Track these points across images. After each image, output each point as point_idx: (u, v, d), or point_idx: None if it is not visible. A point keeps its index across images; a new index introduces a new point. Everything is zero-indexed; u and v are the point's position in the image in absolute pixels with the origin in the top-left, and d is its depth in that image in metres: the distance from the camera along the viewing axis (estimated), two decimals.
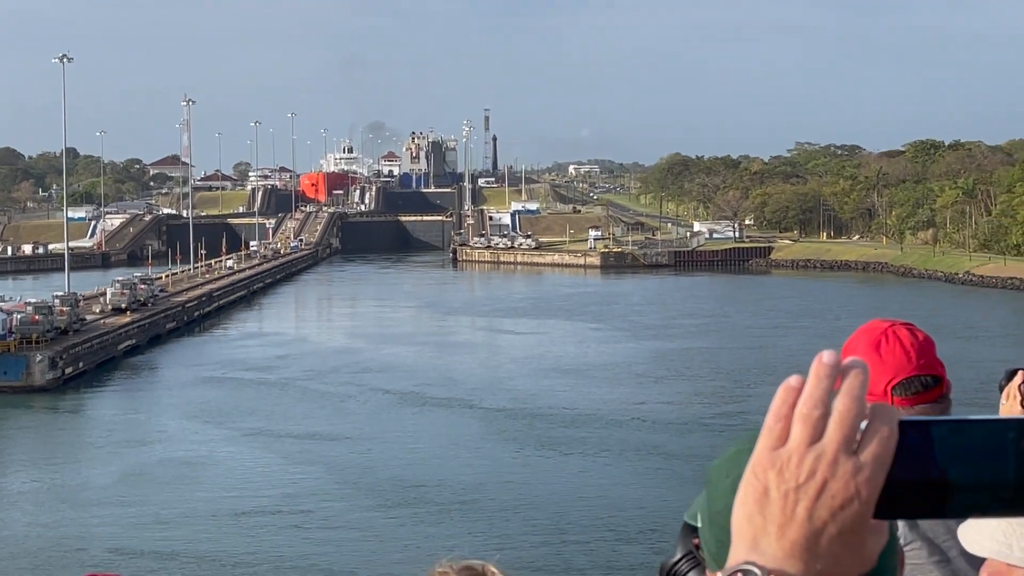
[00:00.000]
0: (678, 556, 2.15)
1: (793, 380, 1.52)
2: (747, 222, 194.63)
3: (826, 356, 1.52)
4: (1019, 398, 4.29)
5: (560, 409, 65.38)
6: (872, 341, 4.38)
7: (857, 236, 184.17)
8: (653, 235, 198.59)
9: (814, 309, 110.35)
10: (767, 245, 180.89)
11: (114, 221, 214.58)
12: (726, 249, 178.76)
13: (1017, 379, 4.32)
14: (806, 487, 1.48)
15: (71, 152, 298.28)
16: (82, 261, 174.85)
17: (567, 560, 39.94)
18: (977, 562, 1.98)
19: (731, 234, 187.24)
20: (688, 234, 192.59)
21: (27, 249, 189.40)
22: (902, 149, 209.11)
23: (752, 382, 72.67)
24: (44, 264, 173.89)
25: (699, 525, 1.82)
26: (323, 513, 46.47)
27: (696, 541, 1.84)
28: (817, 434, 1.49)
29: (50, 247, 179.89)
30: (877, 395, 4.31)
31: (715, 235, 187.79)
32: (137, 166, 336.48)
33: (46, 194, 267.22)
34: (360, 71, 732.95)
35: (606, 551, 41.14)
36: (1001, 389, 4.39)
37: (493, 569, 2.92)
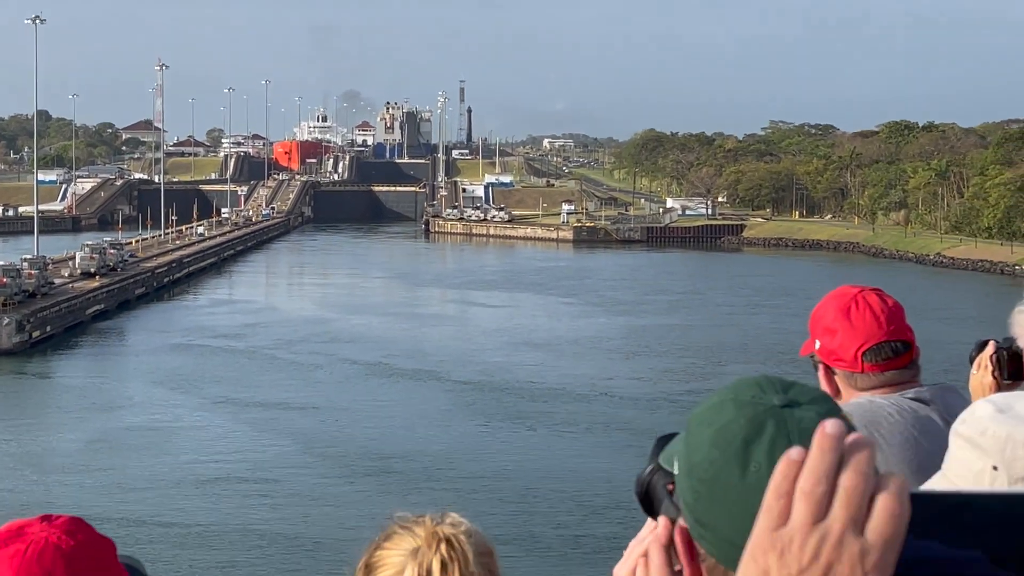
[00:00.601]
0: (650, 469, 2.06)
1: (794, 453, 1.47)
2: (720, 199, 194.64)
3: (829, 426, 1.46)
4: (990, 368, 4.31)
5: (529, 383, 65.25)
6: (842, 307, 4.39)
7: (829, 216, 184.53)
8: (626, 210, 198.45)
9: (786, 287, 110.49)
10: (739, 223, 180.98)
11: (85, 185, 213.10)
12: (699, 226, 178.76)
13: (988, 349, 4.34)
14: (809, 572, 1.42)
15: (43, 115, 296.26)
16: (52, 224, 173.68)
17: (534, 533, 39.85)
18: None
19: (704, 211, 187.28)
20: (661, 210, 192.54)
21: None
22: (876, 130, 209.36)
23: (723, 360, 72.70)
24: (13, 226, 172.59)
25: (675, 472, 1.80)
26: (290, 482, 46.22)
27: (671, 487, 1.81)
28: (821, 513, 1.43)
29: (20, 210, 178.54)
30: (848, 360, 4.36)
31: (688, 212, 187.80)
32: (109, 130, 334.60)
33: (17, 156, 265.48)
34: (335, 38, 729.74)
35: (573, 525, 41.06)
36: (972, 360, 4.40)
37: (452, 514, 2.91)
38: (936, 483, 2.31)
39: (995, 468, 2.41)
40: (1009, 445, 2.13)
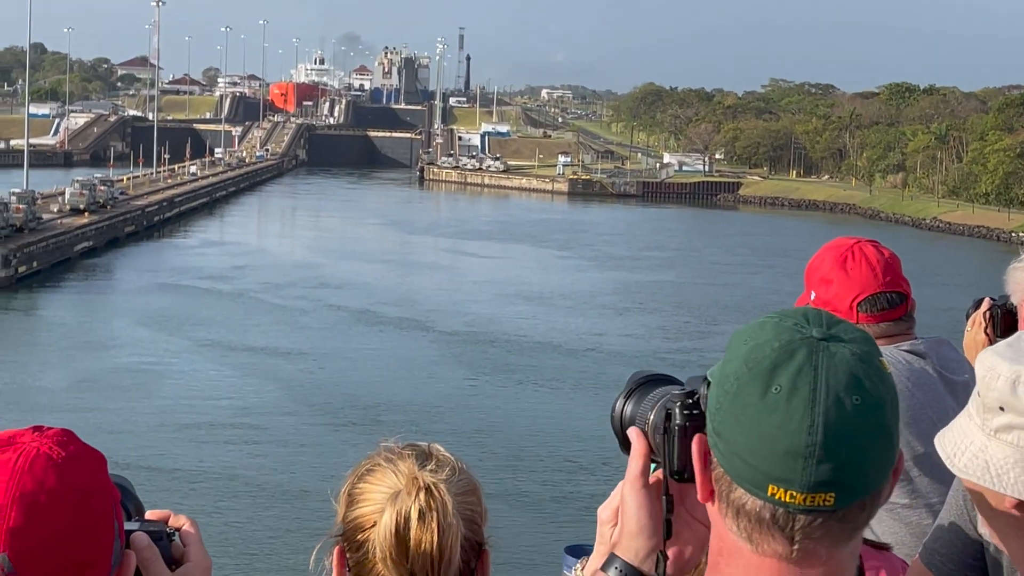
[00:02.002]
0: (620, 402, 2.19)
1: None
2: (717, 156, 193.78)
3: None
4: (983, 325, 4.39)
5: (519, 336, 64.61)
6: (838, 257, 4.38)
7: (827, 176, 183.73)
8: (622, 164, 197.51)
9: (782, 247, 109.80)
10: (736, 180, 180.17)
11: (78, 120, 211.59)
12: (695, 182, 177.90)
13: (984, 306, 4.41)
14: None
15: (38, 47, 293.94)
16: (44, 159, 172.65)
17: (521, 488, 39.27)
18: None
19: (701, 167, 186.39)
20: (658, 165, 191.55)
21: None
22: (876, 91, 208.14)
23: (716, 319, 72.06)
24: (4, 160, 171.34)
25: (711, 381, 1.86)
26: (274, 429, 45.63)
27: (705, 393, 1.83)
28: None
29: (11, 143, 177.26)
30: (843, 311, 4.30)
31: (684, 168, 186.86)
32: (105, 65, 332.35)
33: (11, 89, 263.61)
34: None
35: (560, 481, 40.53)
36: (967, 317, 4.48)
37: (438, 447, 2.90)
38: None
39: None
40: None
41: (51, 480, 2.03)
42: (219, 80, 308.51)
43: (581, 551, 2.83)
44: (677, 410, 1.96)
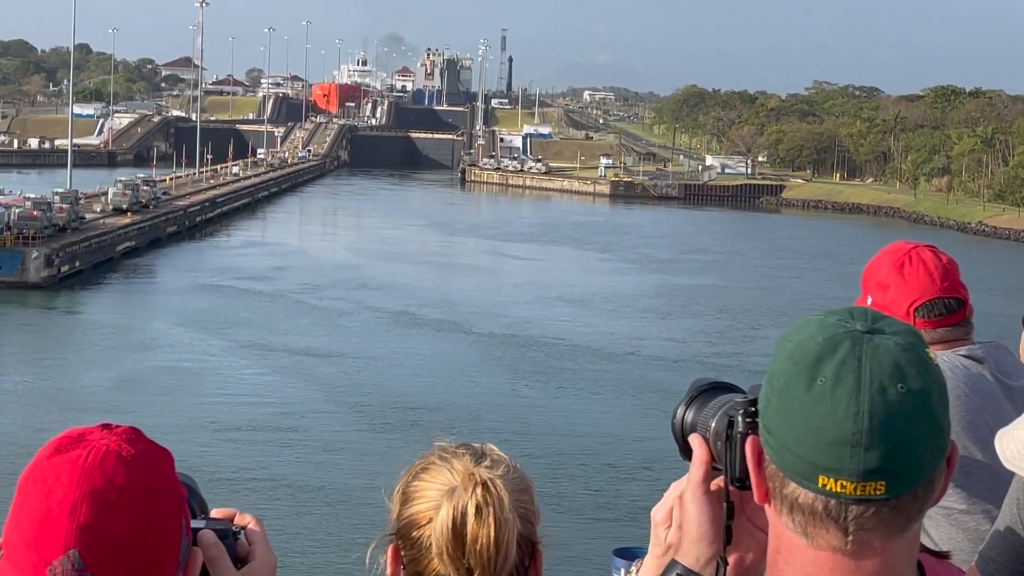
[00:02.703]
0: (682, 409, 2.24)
1: None
2: (760, 159, 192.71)
3: None
4: None
5: (560, 339, 64.21)
6: (895, 262, 4.35)
7: (870, 179, 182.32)
8: (664, 166, 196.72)
9: (826, 251, 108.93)
10: (779, 183, 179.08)
11: (122, 120, 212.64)
12: (737, 185, 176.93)
13: None
14: None
15: (84, 48, 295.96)
16: (88, 159, 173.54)
17: (562, 491, 38.86)
18: None
19: (743, 170, 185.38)
20: (700, 167, 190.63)
21: (33, 143, 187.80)
22: (921, 94, 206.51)
23: (760, 323, 71.40)
24: (50, 159, 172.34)
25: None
26: (313, 431, 45.47)
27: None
28: None
29: (56, 143, 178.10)
30: (900, 316, 4.20)
31: (727, 170, 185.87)
32: (149, 66, 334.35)
33: (56, 89, 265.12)
34: None
35: (603, 485, 40.15)
36: None
37: (492, 446, 2.92)
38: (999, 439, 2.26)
39: None
40: None
41: (120, 477, 2.03)
42: (262, 81, 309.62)
43: (630, 553, 2.75)
44: (740, 418, 1.99)
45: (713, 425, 2.11)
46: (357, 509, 36.17)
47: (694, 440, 2.15)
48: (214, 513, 2.37)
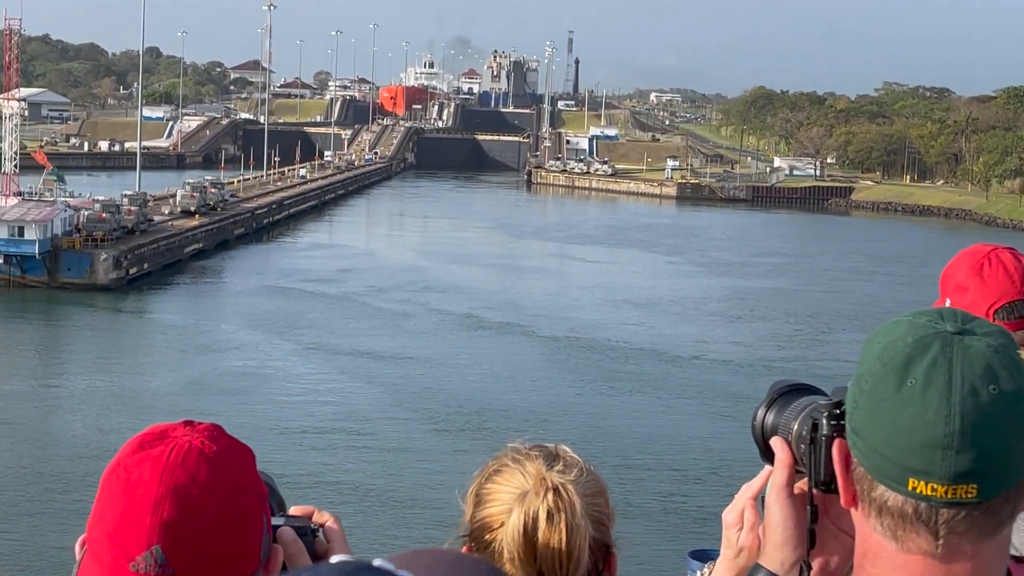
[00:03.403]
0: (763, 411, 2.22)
1: None
2: (829, 160, 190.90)
3: None
4: None
5: (625, 342, 63.71)
6: (975, 264, 4.25)
7: (941, 181, 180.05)
8: (732, 168, 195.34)
9: (897, 254, 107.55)
10: (848, 185, 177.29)
11: (191, 123, 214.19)
12: (806, 187, 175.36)
13: None
14: None
15: (154, 52, 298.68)
16: (157, 161, 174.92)
17: (629, 500, 38.38)
18: None
19: (812, 172, 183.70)
20: (768, 169, 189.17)
21: (103, 146, 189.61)
22: (993, 94, 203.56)
23: (829, 327, 70.50)
24: (119, 162, 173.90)
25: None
26: (379, 434, 45.35)
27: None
28: None
29: (126, 145, 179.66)
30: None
31: (795, 172, 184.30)
32: (218, 69, 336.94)
33: (126, 92, 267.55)
34: None
35: (672, 489, 39.69)
36: None
37: (565, 447, 2.92)
38: None
39: None
40: None
41: (203, 474, 2.05)
42: (329, 83, 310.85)
43: (705, 555, 2.81)
44: (824, 420, 1.95)
45: (795, 428, 2.08)
46: (425, 512, 35.96)
47: (776, 443, 2.12)
48: (292, 511, 2.40)
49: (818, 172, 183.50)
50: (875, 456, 1.74)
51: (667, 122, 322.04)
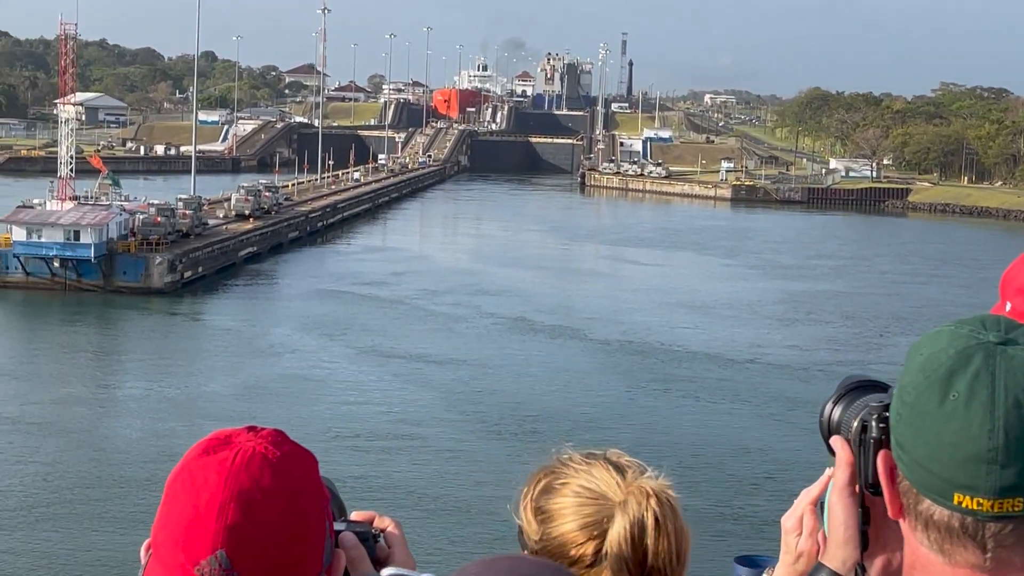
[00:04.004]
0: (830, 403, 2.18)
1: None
2: (885, 162, 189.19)
3: None
4: None
5: (680, 346, 63.20)
6: None
7: (1000, 183, 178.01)
8: (787, 170, 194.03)
9: (956, 256, 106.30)
10: (905, 186, 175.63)
11: (246, 127, 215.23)
12: (862, 188, 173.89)
13: None
14: None
15: (209, 56, 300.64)
16: (212, 165, 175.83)
17: (686, 505, 37.84)
18: None
19: (868, 173, 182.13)
20: (823, 171, 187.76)
21: (159, 150, 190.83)
22: None
23: (887, 330, 69.67)
24: (175, 166, 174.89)
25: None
26: (432, 438, 45.14)
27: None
28: None
29: (182, 149, 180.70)
30: None
31: (851, 173, 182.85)
32: (273, 73, 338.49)
33: (182, 96, 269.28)
34: None
35: (727, 496, 39.18)
36: None
37: (615, 449, 2.90)
38: None
39: None
40: None
41: (266, 479, 2.05)
42: (384, 87, 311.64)
43: (752, 562, 2.79)
44: (873, 423, 1.93)
45: (854, 426, 2.06)
46: (478, 518, 35.72)
47: (836, 442, 2.10)
48: (354, 516, 2.40)
49: (874, 174, 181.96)
50: (919, 470, 1.72)
51: (721, 124, 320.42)
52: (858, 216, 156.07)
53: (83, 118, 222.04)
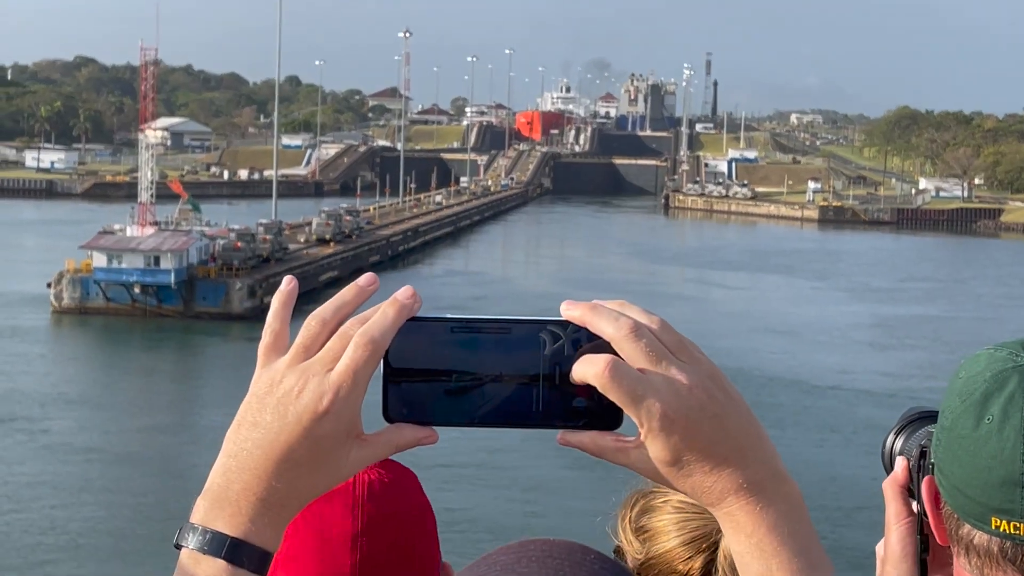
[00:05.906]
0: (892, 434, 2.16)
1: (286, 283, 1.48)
2: (977, 181, 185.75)
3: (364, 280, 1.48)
4: None
5: (767, 372, 61.58)
6: None
7: None
8: (875, 190, 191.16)
9: None
10: (997, 207, 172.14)
11: (329, 151, 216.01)
12: (953, 208, 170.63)
13: None
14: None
15: (293, 81, 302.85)
16: (295, 189, 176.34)
17: None
18: None
19: (959, 193, 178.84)
20: (913, 191, 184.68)
21: (243, 174, 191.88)
22: None
23: None
24: (258, 190, 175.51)
25: None
26: (511, 468, 44.14)
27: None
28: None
29: (265, 173, 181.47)
30: None
31: (941, 193, 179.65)
32: (356, 97, 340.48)
33: (266, 121, 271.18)
34: (583, 7, 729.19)
35: (819, 528, 37.35)
36: None
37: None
38: None
39: None
40: None
41: (388, 505, 2.05)
42: (466, 109, 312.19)
43: None
44: (932, 449, 1.90)
45: (915, 453, 2.04)
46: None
47: (899, 464, 2.06)
48: None
49: (965, 194, 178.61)
50: (958, 495, 1.72)
51: (808, 144, 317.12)
52: (949, 237, 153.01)
53: (168, 143, 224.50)
